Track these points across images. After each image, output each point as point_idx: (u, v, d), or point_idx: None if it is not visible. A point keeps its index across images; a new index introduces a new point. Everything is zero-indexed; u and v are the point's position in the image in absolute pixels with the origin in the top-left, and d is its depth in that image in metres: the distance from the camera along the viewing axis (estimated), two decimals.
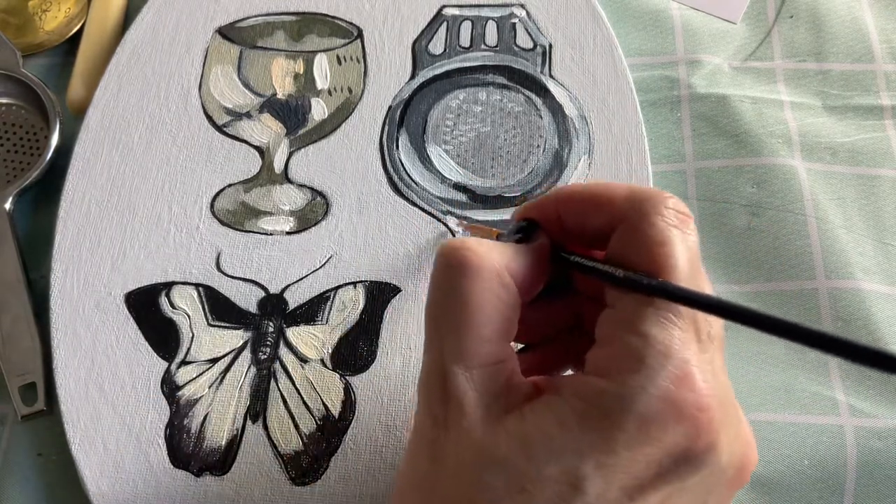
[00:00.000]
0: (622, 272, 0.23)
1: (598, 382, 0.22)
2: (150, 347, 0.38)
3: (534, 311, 0.28)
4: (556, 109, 0.42)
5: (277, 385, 0.37)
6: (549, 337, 0.29)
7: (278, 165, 0.41)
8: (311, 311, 0.38)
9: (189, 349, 0.38)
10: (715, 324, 0.24)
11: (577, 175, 0.40)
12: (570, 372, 0.29)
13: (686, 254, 0.23)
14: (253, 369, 0.37)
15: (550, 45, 0.43)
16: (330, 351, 0.37)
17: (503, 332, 0.24)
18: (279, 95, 0.43)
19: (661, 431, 0.21)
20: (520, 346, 0.30)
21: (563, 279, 0.28)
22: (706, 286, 0.25)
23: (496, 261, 0.24)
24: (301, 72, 0.43)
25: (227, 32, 0.45)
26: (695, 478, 0.22)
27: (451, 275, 0.24)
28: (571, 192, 0.26)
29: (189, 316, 0.38)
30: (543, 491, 0.21)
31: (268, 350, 0.37)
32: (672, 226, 0.23)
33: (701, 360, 0.22)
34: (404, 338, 0.37)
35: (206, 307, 0.38)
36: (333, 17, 0.45)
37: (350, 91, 0.43)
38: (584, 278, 0.28)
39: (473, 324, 0.23)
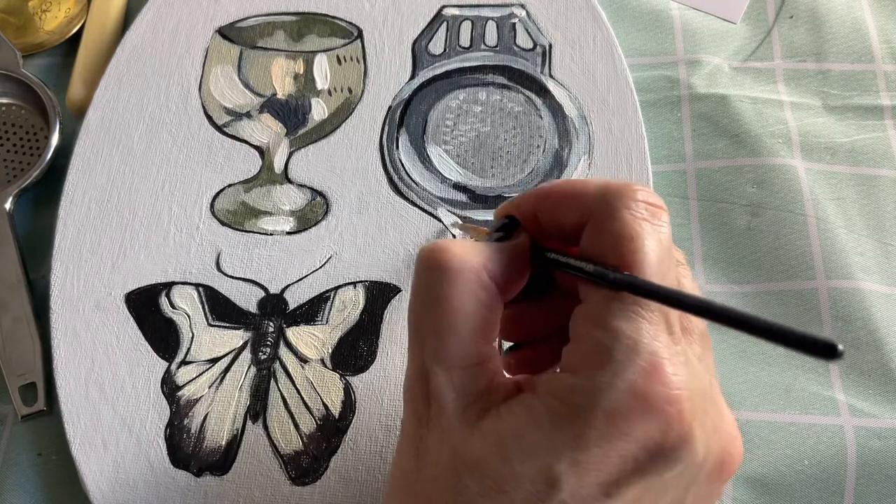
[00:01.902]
0: (591, 266, 0.23)
1: (568, 379, 0.22)
2: (150, 347, 0.38)
3: (523, 310, 0.28)
4: (556, 109, 0.42)
5: (277, 385, 0.37)
6: (541, 335, 0.29)
7: (278, 165, 0.41)
8: (311, 311, 0.38)
9: (189, 349, 0.38)
10: (694, 317, 0.24)
11: (577, 175, 0.40)
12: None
13: (656, 247, 0.23)
14: (253, 369, 0.37)
15: (550, 45, 0.43)
16: (330, 351, 0.37)
17: (483, 332, 0.24)
18: (279, 95, 0.43)
19: (631, 426, 0.21)
20: (510, 343, 0.30)
21: (550, 278, 0.28)
22: (684, 279, 0.25)
23: (474, 262, 0.24)
24: (301, 72, 0.43)
25: (227, 32, 0.45)
26: (671, 472, 0.22)
27: (430, 277, 0.24)
28: (546, 190, 0.26)
29: (189, 316, 0.38)
30: (519, 490, 0.21)
31: (268, 350, 0.37)
32: (641, 219, 0.23)
33: (672, 352, 0.22)
34: (404, 338, 0.37)
35: (206, 307, 0.38)
36: (333, 18, 0.45)
37: (350, 91, 0.43)
38: (567, 277, 0.28)
39: (453, 325, 0.24)
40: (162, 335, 0.38)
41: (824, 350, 0.19)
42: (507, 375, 0.25)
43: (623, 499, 0.22)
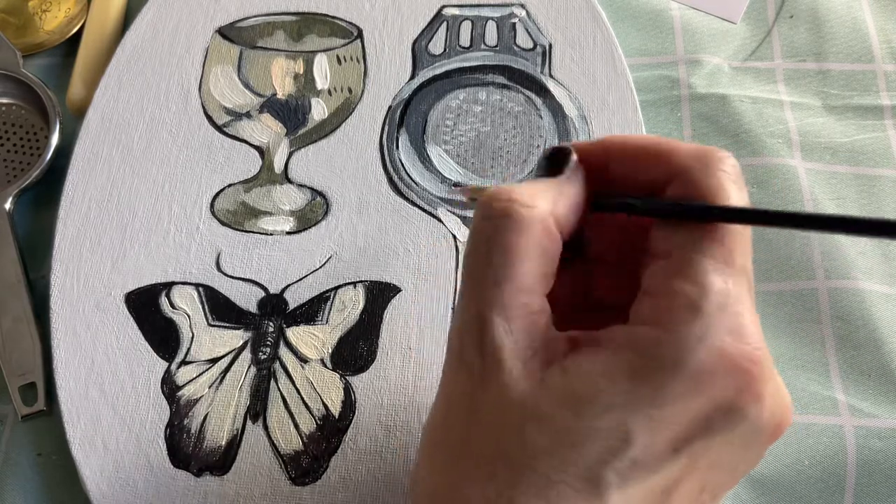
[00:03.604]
0: (700, 203, 0.23)
1: (651, 332, 0.22)
2: (150, 347, 0.38)
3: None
4: (556, 109, 0.42)
5: (277, 385, 0.37)
6: (559, 300, 0.29)
7: (278, 165, 0.41)
8: (311, 311, 0.38)
9: (189, 349, 0.38)
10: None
11: None
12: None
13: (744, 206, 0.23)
14: (253, 369, 0.37)
15: (550, 45, 0.43)
16: (330, 351, 0.37)
17: (544, 282, 0.24)
18: (279, 95, 0.43)
19: (713, 383, 0.21)
20: None
21: (577, 242, 0.27)
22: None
23: (542, 209, 0.23)
24: (301, 72, 0.43)
25: (227, 32, 0.45)
26: (738, 430, 0.22)
27: (496, 225, 0.23)
28: (626, 142, 0.25)
29: (189, 316, 0.38)
30: (591, 445, 0.21)
31: (268, 350, 0.37)
32: (732, 181, 0.23)
33: (752, 314, 0.22)
34: (404, 338, 0.37)
35: (206, 307, 0.38)
36: (333, 17, 0.45)
37: (350, 91, 0.43)
38: (602, 237, 0.27)
39: (516, 275, 0.23)
40: (162, 335, 0.38)
41: None
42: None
43: (691, 455, 0.22)
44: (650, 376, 0.21)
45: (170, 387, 0.37)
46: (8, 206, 0.41)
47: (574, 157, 0.25)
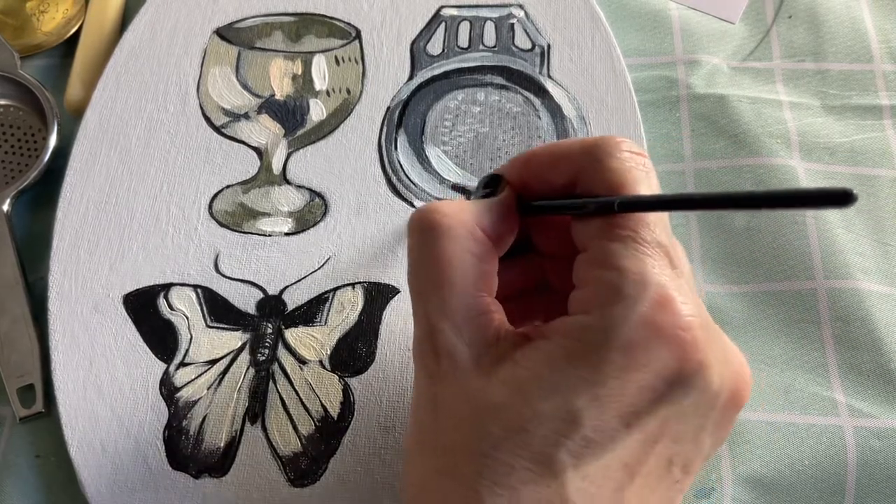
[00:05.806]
0: (593, 200, 0.24)
1: (581, 319, 0.23)
2: (148, 349, 0.38)
3: (500, 270, 0.29)
4: (555, 110, 0.42)
5: (276, 387, 0.37)
6: (517, 294, 0.30)
7: (277, 166, 0.41)
8: (310, 313, 0.38)
9: (187, 351, 0.37)
10: (683, 259, 0.25)
11: None
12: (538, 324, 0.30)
13: (648, 191, 0.24)
14: (251, 371, 0.37)
15: (549, 46, 0.43)
16: (329, 352, 0.37)
17: (482, 284, 0.25)
18: (277, 96, 0.43)
19: (648, 356, 0.22)
20: None
21: (525, 240, 0.29)
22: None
23: (465, 218, 0.25)
24: (299, 73, 0.43)
25: (226, 33, 0.45)
26: (688, 399, 0.22)
27: (424, 238, 0.25)
28: (531, 155, 0.27)
29: (187, 317, 0.38)
30: (541, 428, 0.22)
31: (266, 351, 0.37)
32: (630, 166, 0.24)
33: (677, 284, 0.23)
34: (403, 339, 0.37)
35: (204, 309, 0.38)
36: (332, 18, 0.45)
37: (348, 92, 0.43)
38: (543, 237, 0.29)
39: (452, 279, 0.24)
40: (160, 337, 0.38)
41: (840, 198, 0.18)
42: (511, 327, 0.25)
43: (644, 430, 0.22)
44: (586, 357, 0.22)
45: (168, 388, 0.37)
46: (6, 207, 0.41)
47: (504, 181, 0.28)
